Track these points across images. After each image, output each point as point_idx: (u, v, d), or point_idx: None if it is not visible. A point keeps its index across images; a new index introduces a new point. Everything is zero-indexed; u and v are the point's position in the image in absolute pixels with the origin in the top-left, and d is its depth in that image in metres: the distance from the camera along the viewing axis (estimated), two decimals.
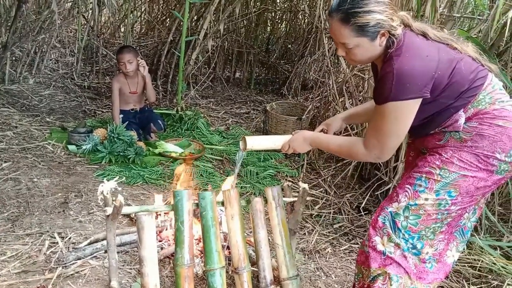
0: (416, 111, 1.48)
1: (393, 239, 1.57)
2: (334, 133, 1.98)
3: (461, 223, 1.62)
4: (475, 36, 2.64)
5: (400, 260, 1.58)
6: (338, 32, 1.51)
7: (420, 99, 1.46)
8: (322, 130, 1.99)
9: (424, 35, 1.55)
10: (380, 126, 1.51)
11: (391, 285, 1.58)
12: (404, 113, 1.47)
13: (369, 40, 1.49)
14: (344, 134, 3.06)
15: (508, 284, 2.18)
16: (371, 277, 1.62)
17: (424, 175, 1.54)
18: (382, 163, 2.99)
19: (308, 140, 1.77)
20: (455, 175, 1.49)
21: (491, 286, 2.25)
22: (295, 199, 2.04)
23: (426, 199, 1.52)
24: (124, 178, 2.98)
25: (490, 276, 2.29)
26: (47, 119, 3.82)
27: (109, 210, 1.67)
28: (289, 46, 6.19)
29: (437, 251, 1.60)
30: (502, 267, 2.30)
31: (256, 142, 1.85)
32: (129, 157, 3.20)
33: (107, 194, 1.66)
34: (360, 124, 3.13)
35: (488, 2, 2.89)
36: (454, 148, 1.52)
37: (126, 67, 3.56)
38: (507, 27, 2.12)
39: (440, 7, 2.77)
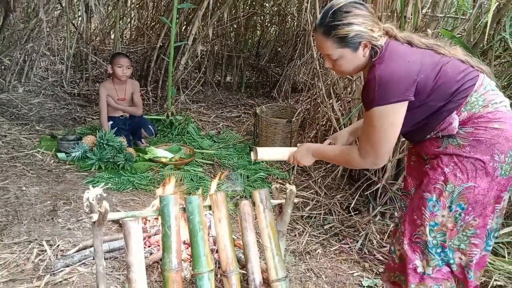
0: (404, 115, 1.51)
1: (431, 264, 1.62)
2: None
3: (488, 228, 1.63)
4: (459, 35, 2.67)
5: (437, 275, 1.63)
6: (322, 45, 1.60)
7: (405, 103, 1.50)
8: (330, 144, 2.04)
9: (409, 43, 1.61)
10: (370, 132, 1.56)
11: None
12: (390, 116, 1.51)
13: (351, 51, 1.57)
14: None
15: (496, 280, 2.20)
16: None
17: (434, 196, 1.57)
18: None
19: (311, 151, 1.86)
20: (460, 188, 1.52)
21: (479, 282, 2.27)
22: (283, 201, 2.06)
23: (443, 216, 1.57)
24: (114, 184, 2.98)
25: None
26: (37, 128, 3.81)
27: (95, 217, 1.67)
28: (279, 49, 6.22)
29: (473, 262, 1.61)
30: (490, 263, 2.32)
31: (266, 153, 1.97)
32: (118, 163, 3.20)
33: (92, 200, 1.67)
34: None
35: (471, 2, 2.92)
36: (454, 157, 1.54)
37: (124, 71, 3.58)
38: (488, 26, 2.15)
39: (424, 8, 2.80)
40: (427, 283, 1.64)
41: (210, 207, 1.92)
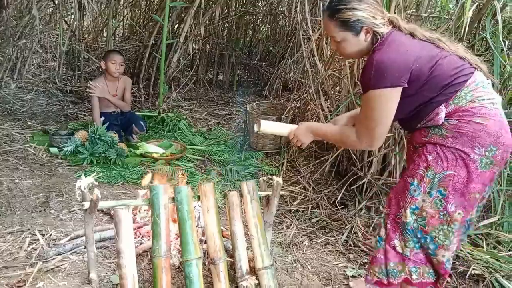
0: (398, 100, 1.62)
1: (408, 245, 1.71)
2: None
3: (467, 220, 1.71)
4: (442, 34, 2.76)
5: (415, 258, 1.73)
6: (327, 27, 1.75)
7: (399, 88, 1.61)
8: None
9: (412, 35, 1.71)
10: (366, 113, 1.68)
11: (411, 277, 1.72)
12: (384, 100, 1.62)
13: (353, 35, 1.70)
14: None
15: (474, 269, 2.29)
16: (392, 272, 1.75)
17: (416, 180, 1.66)
18: (357, 158, 3.10)
19: (310, 129, 1.95)
20: (441, 175, 1.61)
21: (458, 271, 2.36)
22: (270, 193, 2.12)
23: (423, 200, 1.65)
24: (105, 178, 3.03)
25: (457, 262, 2.40)
26: (29, 123, 3.85)
27: (87, 205, 1.74)
28: (271, 48, 6.29)
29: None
30: (469, 253, 2.41)
31: (269, 126, 2.05)
32: (110, 158, 3.25)
33: (84, 189, 1.73)
34: None
35: (455, 2, 3.01)
36: (437, 146, 1.63)
37: (117, 67, 3.64)
38: (467, 26, 2.23)
39: (409, 8, 2.88)
40: (406, 264, 1.73)
41: (199, 198, 1.99)
